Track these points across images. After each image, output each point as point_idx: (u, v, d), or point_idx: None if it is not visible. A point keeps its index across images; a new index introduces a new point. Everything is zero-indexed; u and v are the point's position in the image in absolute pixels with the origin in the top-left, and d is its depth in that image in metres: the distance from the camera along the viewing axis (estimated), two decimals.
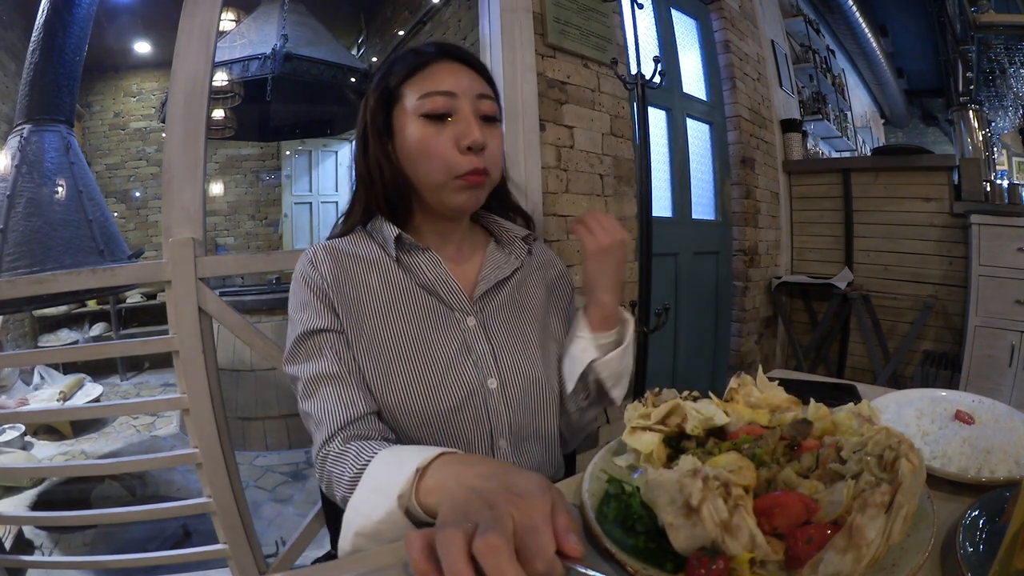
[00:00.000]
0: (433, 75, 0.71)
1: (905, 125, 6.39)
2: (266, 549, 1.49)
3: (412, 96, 0.71)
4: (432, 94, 0.70)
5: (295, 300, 0.73)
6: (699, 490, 0.37)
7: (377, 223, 0.77)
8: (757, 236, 2.91)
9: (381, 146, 0.74)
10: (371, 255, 0.76)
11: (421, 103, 0.70)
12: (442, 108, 0.70)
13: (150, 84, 4.93)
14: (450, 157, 0.70)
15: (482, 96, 0.72)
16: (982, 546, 0.42)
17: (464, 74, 0.72)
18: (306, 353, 0.70)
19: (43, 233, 1.70)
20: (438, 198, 0.73)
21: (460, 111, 0.70)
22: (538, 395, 0.76)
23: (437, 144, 0.70)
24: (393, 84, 0.74)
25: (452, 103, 0.70)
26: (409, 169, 0.73)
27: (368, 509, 0.51)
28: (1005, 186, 2.87)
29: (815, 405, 0.52)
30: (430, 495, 0.47)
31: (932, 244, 2.76)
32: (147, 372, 4.38)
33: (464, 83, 0.71)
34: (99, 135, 4.94)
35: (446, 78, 0.71)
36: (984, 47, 3.89)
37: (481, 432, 0.72)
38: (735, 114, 2.82)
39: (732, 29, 2.84)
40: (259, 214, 5.53)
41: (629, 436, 0.53)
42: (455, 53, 0.74)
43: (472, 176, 0.70)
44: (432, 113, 0.70)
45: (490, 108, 0.73)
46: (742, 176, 2.83)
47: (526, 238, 0.84)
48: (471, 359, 0.73)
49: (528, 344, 0.77)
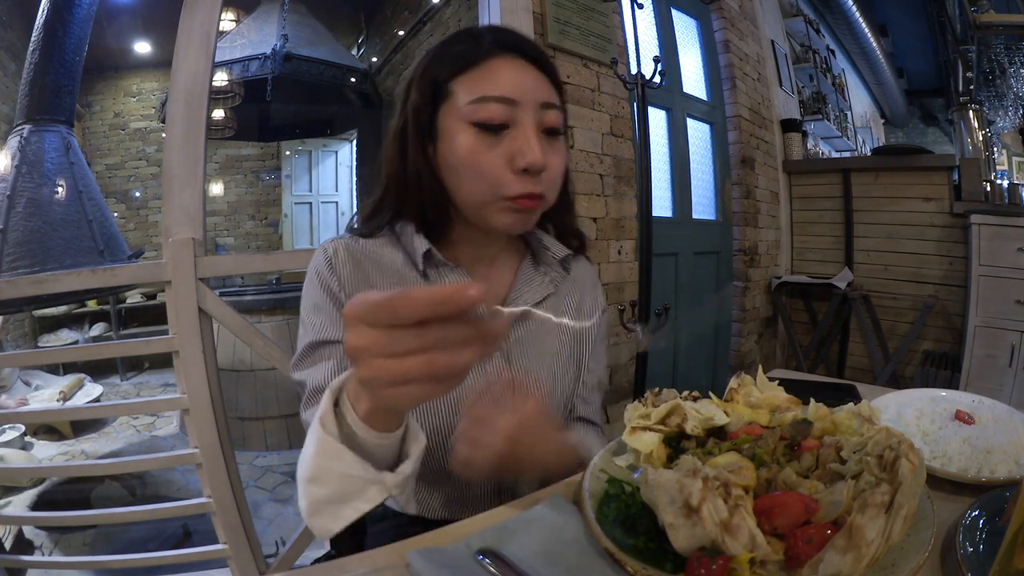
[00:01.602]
0: (491, 73, 0.61)
1: (905, 125, 6.38)
2: (266, 549, 1.49)
3: (464, 96, 0.61)
4: (488, 99, 0.59)
5: (309, 300, 0.67)
6: (699, 490, 0.37)
7: (407, 229, 0.68)
8: (757, 236, 2.91)
9: (422, 151, 0.64)
10: (396, 264, 0.68)
11: (474, 108, 0.60)
12: (499, 118, 0.60)
13: (150, 84, 4.93)
14: (500, 176, 0.60)
15: (547, 105, 0.62)
16: (982, 546, 0.42)
17: (528, 76, 0.62)
18: (314, 361, 0.65)
19: (43, 233, 1.70)
20: (480, 215, 0.64)
21: (519, 124, 0.60)
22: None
23: (488, 160, 0.60)
24: (442, 77, 0.63)
25: (511, 113, 0.60)
26: (451, 180, 0.64)
27: (305, 452, 0.48)
28: (1005, 186, 2.88)
29: (815, 405, 0.52)
30: (356, 399, 0.44)
31: (932, 244, 2.76)
32: (147, 372, 4.37)
33: (527, 87, 0.61)
34: (99, 135, 4.94)
35: (506, 79, 0.60)
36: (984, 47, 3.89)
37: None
38: (735, 114, 2.82)
39: (732, 29, 2.84)
40: (259, 214, 5.53)
41: (629, 436, 0.53)
42: (519, 46, 0.63)
43: (525, 200, 0.61)
44: (487, 123, 0.60)
45: (555, 120, 0.63)
46: (742, 176, 2.83)
47: (565, 260, 0.75)
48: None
49: (553, 376, 0.72)
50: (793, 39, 3.96)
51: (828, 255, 3.12)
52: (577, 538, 0.46)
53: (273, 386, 2.82)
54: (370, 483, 0.46)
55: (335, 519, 0.48)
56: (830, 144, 4.59)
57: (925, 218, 2.77)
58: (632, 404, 0.55)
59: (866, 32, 4.72)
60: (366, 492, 0.47)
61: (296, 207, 5.58)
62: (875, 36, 4.86)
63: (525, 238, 0.76)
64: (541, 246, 0.75)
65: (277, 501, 2.42)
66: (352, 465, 0.45)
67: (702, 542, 0.37)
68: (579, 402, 0.77)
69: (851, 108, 5.07)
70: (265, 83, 3.95)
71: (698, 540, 0.37)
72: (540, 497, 0.52)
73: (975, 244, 2.46)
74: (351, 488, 0.46)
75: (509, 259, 0.74)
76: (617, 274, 2.10)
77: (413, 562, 0.43)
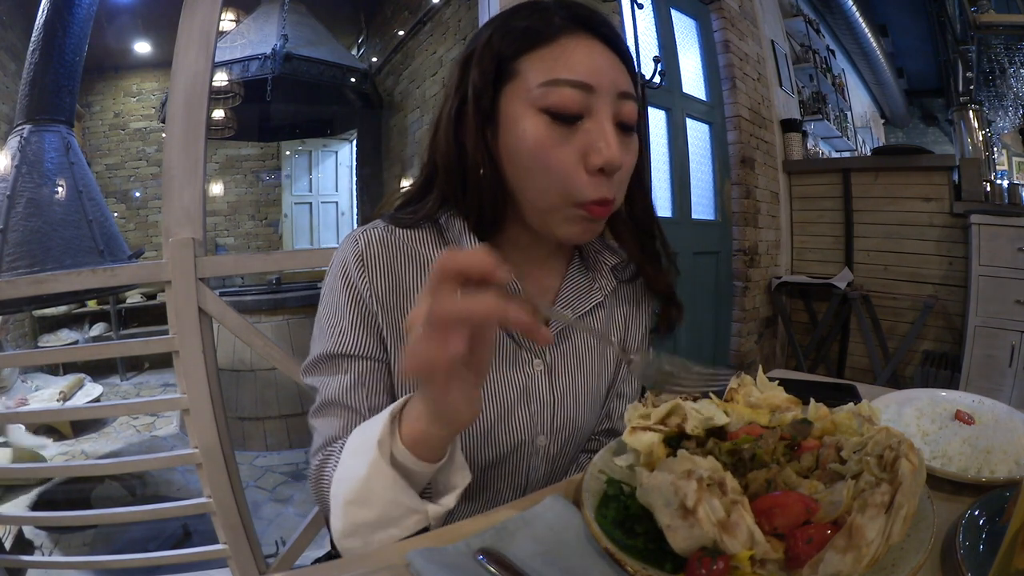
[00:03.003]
0: (565, 53, 0.53)
1: (905, 125, 6.38)
2: (266, 549, 1.49)
3: (534, 77, 0.53)
4: (562, 83, 0.52)
5: (331, 299, 0.59)
6: (694, 491, 0.37)
7: (454, 223, 0.60)
8: (757, 236, 2.91)
9: (482, 137, 0.56)
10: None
11: (545, 91, 0.52)
12: (574, 107, 0.52)
13: (150, 84, 4.93)
14: (573, 176, 0.53)
15: (624, 96, 0.54)
16: (982, 546, 0.42)
17: (605, 59, 0.54)
18: (328, 371, 0.58)
19: (43, 233, 1.70)
20: (543, 220, 0.57)
21: (595, 115, 0.53)
22: (580, 444, 0.68)
23: (560, 156, 0.53)
24: (508, 54, 0.54)
25: (587, 101, 0.52)
26: (513, 175, 0.56)
27: (351, 473, 0.46)
28: (1005, 186, 2.87)
29: (815, 405, 0.52)
30: (412, 429, 0.44)
31: (932, 244, 2.76)
32: (147, 372, 4.37)
33: (606, 73, 0.53)
34: (99, 135, 4.94)
35: (582, 61, 0.52)
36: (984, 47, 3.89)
37: (513, 486, 0.64)
38: (735, 114, 2.82)
39: (732, 29, 2.83)
40: (259, 214, 5.53)
41: (629, 436, 0.52)
42: (595, 24, 0.55)
43: (596, 207, 0.54)
44: (560, 111, 0.52)
45: (631, 113, 0.55)
46: (742, 176, 2.83)
47: (616, 267, 0.68)
48: (528, 411, 0.62)
49: (594, 398, 0.66)
50: (793, 39, 3.96)
51: (828, 255, 3.12)
52: (577, 538, 0.46)
53: (273, 386, 2.82)
54: (413, 512, 0.46)
55: (368, 543, 0.48)
56: (830, 144, 4.59)
57: (925, 218, 2.77)
58: (632, 404, 0.55)
59: (866, 32, 4.72)
60: (406, 520, 0.47)
61: (296, 207, 5.58)
62: (875, 36, 4.86)
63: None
64: (590, 248, 0.67)
65: (277, 501, 2.42)
66: (401, 492, 0.45)
67: (701, 543, 0.37)
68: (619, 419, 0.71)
69: (851, 108, 5.07)
70: (265, 83, 3.95)
71: (696, 541, 0.37)
72: (540, 497, 0.52)
73: (975, 244, 2.46)
74: (394, 514, 0.46)
75: (557, 262, 0.66)
76: None
77: (413, 562, 0.42)
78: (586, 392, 0.65)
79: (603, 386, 0.69)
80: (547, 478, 0.65)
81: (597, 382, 0.67)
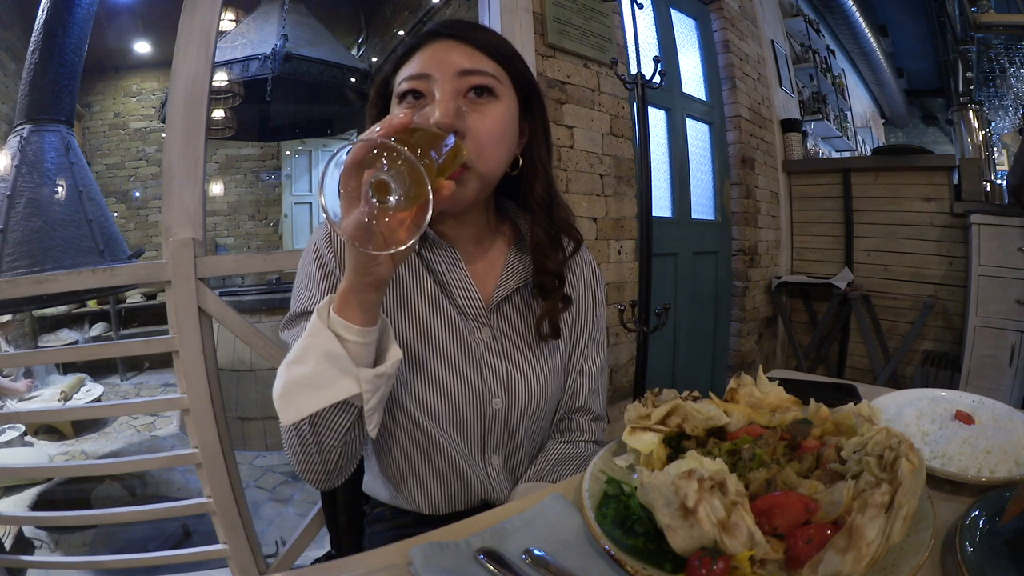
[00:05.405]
0: (419, 57, 0.64)
1: (905, 125, 6.38)
2: (266, 549, 1.49)
3: (396, 83, 0.65)
4: (410, 78, 0.63)
5: (304, 273, 0.69)
6: (694, 492, 0.37)
7: None
8: (757, 236, 2.91)
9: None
10: None
11: (400, 88, 0.64)
12: (416, 90, 0.62)
13: (150, 84, 4.93)
14: None
15: (466, 72, 0.62)
16: (982, 546, 0.42)
17: (452, 51, 0.63)
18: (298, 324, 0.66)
19: (43, 233, 1.70)
20: None
21: (437, 92, 0.61)
22: (540, 416, 0.73)
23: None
24: (389, 72, 0.68)
25: (428, 85, 0.62)
26: None
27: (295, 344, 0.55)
28: (1005, 186, 2.87)
29: (815, 405, 0.52)
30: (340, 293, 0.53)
31: (932, 244, 2.76)
32: (147, 372, 4.38)
33: (445, 60, 0.62)
34: (99, 135, 4.94)
35: (425, 58, 0.63)
36: (984, 47, 3.89)
37: (473, 447, 0.70)
38: (735, 114, 2.82)
39: (732, 29, 2.83)
40: (259, 214, 5.54)
41: (629, 436, 0.53)
42: (449, 30, 0.65)
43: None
44: (404, 96, 0.63)
45: (478, 81, 0.62)
46: (742, 176, 2.82)
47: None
48: (479, 377, 0.68)
49: (545, 367, 0.72)
50: (793, 39, 3.96)
51: (828, 255, 3.12)
52: (577, 538, 0.46)
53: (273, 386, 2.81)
54: (346, 373, 0.53)
55: (303, 405, 0.54)
56: (830, 144, 4.59)
57: (925, 218, 2.77)
58: (632, 404, 0.55)
59: (866, 32, 4.72)
60: (339, 381, 0.53)
61: (296, 207, 5.58)
62: (875, 36, 4.86)
63: (516, 224, 0.75)
64: (522, 234, 0.75)
65: (277, 501, 2.42)
66: (336, 349, 0.52)
67: (701, 543, 0.37)
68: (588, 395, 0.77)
69: (851, 108, 5.07)
70: (265, 83, 3.95)
71: (696, 541, 0.37)
72: (540, 497, 0.52)
73: (975, 244, 2.46)
74: (328, 373, 0.53)
75: (499, 242, 0.75)
76: (617, 274, 2.10)
77: (414, 561, 0.43)
78: (533, 358, 0.71)
79: (555, 358, 0.73)
80: (509, 442, 0.71)
81: (542, 351, 0.72)
